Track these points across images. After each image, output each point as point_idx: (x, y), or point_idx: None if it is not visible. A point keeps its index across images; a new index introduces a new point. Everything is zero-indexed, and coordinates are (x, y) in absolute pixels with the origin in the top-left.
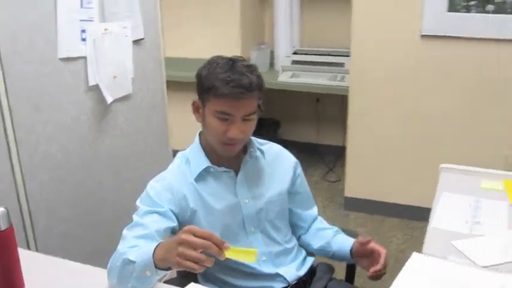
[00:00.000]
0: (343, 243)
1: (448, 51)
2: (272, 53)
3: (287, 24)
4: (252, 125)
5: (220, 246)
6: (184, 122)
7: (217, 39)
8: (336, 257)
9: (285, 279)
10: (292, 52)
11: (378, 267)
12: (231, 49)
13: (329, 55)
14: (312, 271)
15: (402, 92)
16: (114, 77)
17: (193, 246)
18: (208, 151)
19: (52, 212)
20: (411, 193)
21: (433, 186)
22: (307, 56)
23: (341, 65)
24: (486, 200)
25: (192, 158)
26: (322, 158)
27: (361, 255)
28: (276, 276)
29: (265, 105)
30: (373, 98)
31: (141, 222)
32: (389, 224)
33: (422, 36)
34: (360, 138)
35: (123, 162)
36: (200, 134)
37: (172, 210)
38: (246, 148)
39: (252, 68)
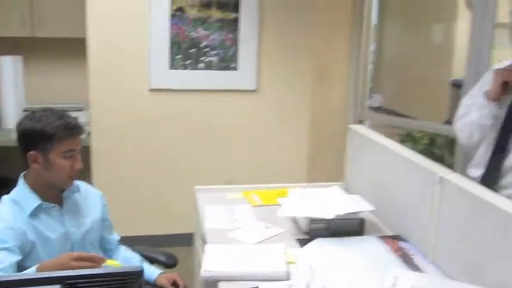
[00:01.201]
0: (148, 273)
1: (173, 101)
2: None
3: (11, 84)
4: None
5: (101, 263)
6: None
7: None
8: None
9: None
10: (23, 110)
11: None
12: None
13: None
14: None
15: (140, 138)
16: None
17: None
18: (38, 190)
19: None
20: (165, 224)
21: (183, 215)
22: None
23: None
24: (235, 205)
25: (20, 198)
26: None
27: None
28: None
29: None
30: (115, 146)
31: None
32: None
33: (151, 89)
34: (110, 182)
35: None
36: (25, 177)
37: (16, 245)
38: None
39: (66, 112)
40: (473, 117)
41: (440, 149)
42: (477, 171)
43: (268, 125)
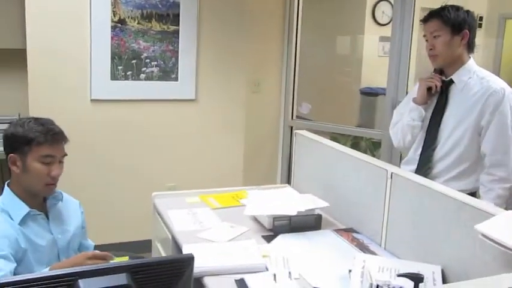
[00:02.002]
0: None
1: (114, 111)
2: None
3: None
4: (63, 167)
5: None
6: None
7: None
8: None
9: None
10: None
11: None
12: None
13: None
14: None
15: (82, 148)
16: None
17: None
18: (24, 198)
19: None
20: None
21: (131, 222)
22: None
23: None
24: (195, 208)
25: (7, 206)
26: None
27: None
28: None
29: None
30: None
31: None
32: None
33: (92, 100)
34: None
35: None
36: (9, 185)
37: (11, 253)
38: None
39: (52, 121)
40: (404, 121)
41: (364, 151)
42: (409, 167)
43: (207, 133)
